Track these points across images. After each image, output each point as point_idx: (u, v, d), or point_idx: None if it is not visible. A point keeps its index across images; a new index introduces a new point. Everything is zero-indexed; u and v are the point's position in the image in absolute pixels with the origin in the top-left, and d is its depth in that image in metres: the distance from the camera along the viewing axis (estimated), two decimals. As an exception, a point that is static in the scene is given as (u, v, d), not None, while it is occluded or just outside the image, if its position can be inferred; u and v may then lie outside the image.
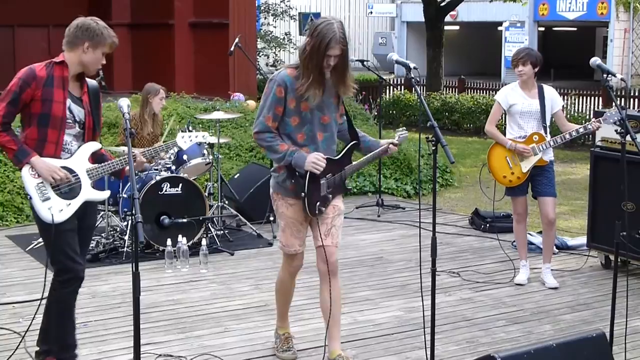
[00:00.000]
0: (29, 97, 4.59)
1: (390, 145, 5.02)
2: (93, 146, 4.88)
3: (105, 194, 5.19)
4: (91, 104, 4.84)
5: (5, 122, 4.62)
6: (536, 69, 6.72)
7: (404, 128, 5.34)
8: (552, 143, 6.71)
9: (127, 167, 4.79)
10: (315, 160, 4.71)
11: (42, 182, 4.63)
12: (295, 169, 4.77)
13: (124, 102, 4.41)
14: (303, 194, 4.78)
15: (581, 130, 6.74)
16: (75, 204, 4.72)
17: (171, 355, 5.30)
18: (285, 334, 5.34)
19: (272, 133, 4.81)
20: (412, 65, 4.49)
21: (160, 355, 5.29)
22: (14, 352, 5.17)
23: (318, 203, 4.85)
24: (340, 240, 5.04)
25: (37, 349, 5.01)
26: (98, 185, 5.43)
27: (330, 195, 4.94)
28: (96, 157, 4.91)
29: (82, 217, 4.85)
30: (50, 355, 4.90)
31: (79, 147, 4.80)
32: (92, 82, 4.92)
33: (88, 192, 4.78)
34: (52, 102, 4.61)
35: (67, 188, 4.69)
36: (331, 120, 4.92)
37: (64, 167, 4.68)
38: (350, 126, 5.09)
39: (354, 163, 5.07)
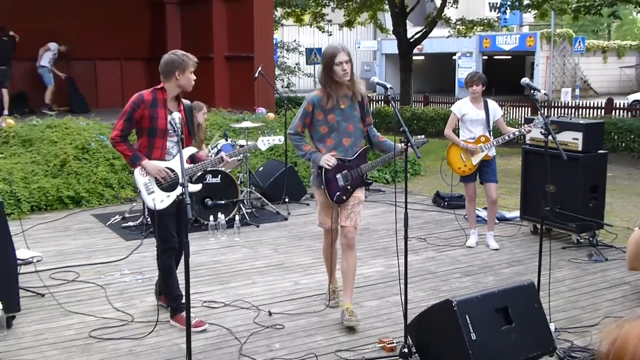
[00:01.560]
0: (139, 115, 4.67)
1: (401, 145, 4.56)
2: (190, 150, 4.93)
3: (197, 187, 5.10)
4: (186, 118, 4.85)
5: (123, 135, 4.70)
6: (483, 87, 6.71)
7: (423, 136, 5.10)
8: (494, 143, 6.69)
9: (220, 165, 5.15)
10: (327, 158, 4.70)
11: (149, 180, 4.71)
12: (318, 167, 4.77)
13: (176, 115, 4.39)
14: (322, 186, 4.79)
15: (517, 133, 6.71)
16: (174, 195, 4.75)
17: (214, 301, 5.31)
18: (332, 288, 5.22)
19: (300, 136, 4.86)
20: (389, 85, 4.46)
21: (205, 301, 5.29)
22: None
23: (338, 193, 4.78)
24: (359, 222, 4.89)
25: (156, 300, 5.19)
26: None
27: (349, 187, 4.81)
28: (191, 159, 4.97)
29: (182, 203, 4.73)
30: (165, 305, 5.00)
31: (178, 151, 4.71)
32: (186, 102, 4.95)
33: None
34: (157, 118, 4.68)
35: (167, 184, 4.74)
36: (355, 129, 4.83)
37: (167, 168, 4.75)
38: (367, 133, 4.94)
39: (369, 162, 4.93)
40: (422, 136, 5.06)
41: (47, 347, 4.48)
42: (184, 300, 4.73)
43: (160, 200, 4.72)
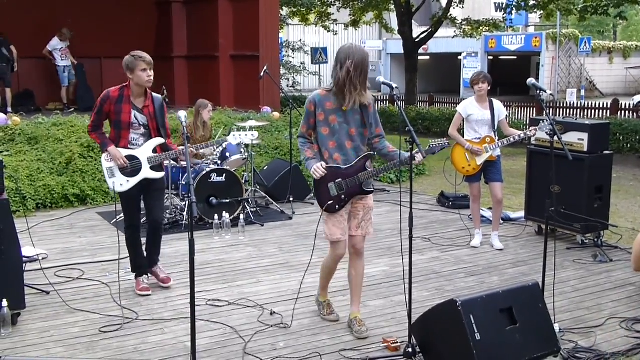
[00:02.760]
0: (107, 109, 5.22)
1: (417, 155, 4.36)
2: (156, 141, 5.33)
3: (160, 174, 5.41)
4: (155, 112, 5.29)
5: (94, 125, 5.31)
6: (489, 87, 6.69)
7: (445, 140, 4.70)
8: (499, 144, 6.68)
9: (182, 157, 5.43)
10: (315, 169, 4.49)
11: (113, 165, 5.24)
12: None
13: (182, 113, 4.45)
14: (312, 194, 4.66)
15: (522, 135, 6.64)
16: (134, 180, 5.27)
17: (218, 299, 5.31)
18: (326, 301, 5.04)
19: (306, 139, 4.65)
20: (394, 85, 4.43)
21: (210, 299, 5.30)
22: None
23: (330, 202, 4.55)
24: (371, 230, 4.73)
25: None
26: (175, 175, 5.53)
27: (344, 196, 4.56)
28: (163, 148, 5.35)
29: (150, 186, 5.37)
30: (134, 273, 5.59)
31: (145, 141, 5.29)
32: (157, 96, 5.37)
33: (146, 172, 5.29)
34: (122, 112, 5.21)
35: (129, 169, 5.23)
36: (357, 134, 4.58)
37: (129, 156, 5.22)
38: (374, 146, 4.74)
39: (368, 170, 4.58)
40: (445, 140, 4.69)
41: (52, 344, 4.49)
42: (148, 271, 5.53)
43: (120, 184, 5.27)
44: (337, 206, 4.58)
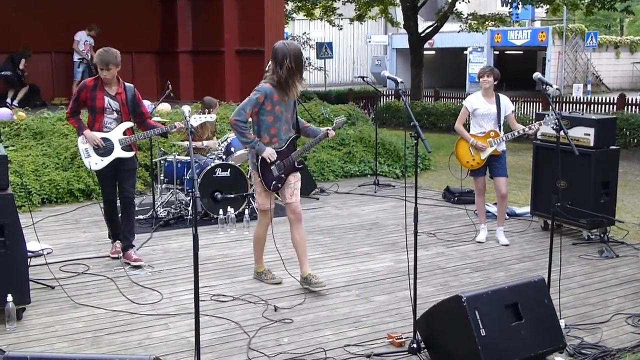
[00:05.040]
0: (84, 97, 5.82)
1: (329, 131, 5.32)
2: (126, 125, 5.91)
3: (130, 154, 5.91)
4: (127, 99, 5.86)
5: (72, 111, 5.94)
6: (496, 82, 6.65)
7: (343, 116, 5.70)
8: (504, 138, 6.64)
9: (173, 130, 6.07)
10: (271, 153, 5.14)
11: (88, 147, 5.82)
12: (257, 155, 5.14)
13: (185, 108, 4.40)
14: (258, 177, 5.22)
15: (527, 130, 6.62)
16: (107, 160, 5.84)
17: (223, 295, 5.31)
18: (265, 270, 5.62)
19: (246, 123, 5.13)
20: (399, 79, 4.43)
21: (214, 294, 5.29)
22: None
23: (274, 182, 5.23)
24: (298, 197, 5.31)
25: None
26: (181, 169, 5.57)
27: (283, 175, 5.24)
28: (132, 131, 5.97)
29: (121, 166, 5.90)
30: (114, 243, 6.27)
31: (117, 125, 5.86)
32: (128, 85, 5.93)
33: (118, 152, 5.85)
34: (96, 99, 5.80)
35: (103, 150, 5.81)
36: (292, 118, 5.29)
37: (102, 138, 5.81)
38: (296, 121, 5.36)
39: (297, 149, 5.34)
40: (342, 117, 5.56)
41: (56, 339, 4.49)
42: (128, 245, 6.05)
43: (95, 162, 5.84)
44: (279, 184, 5.27)
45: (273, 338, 4.53)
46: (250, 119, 5.22)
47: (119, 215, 6.15)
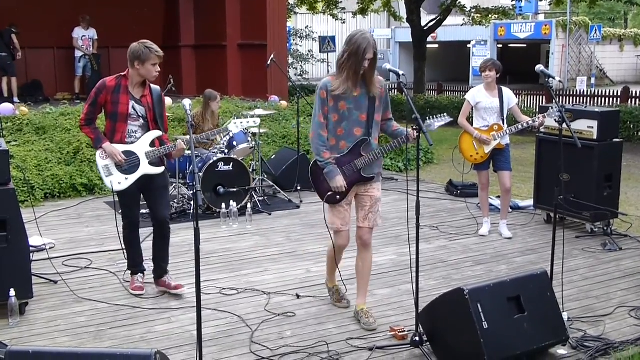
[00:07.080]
0: (103, 100, 4.85)
1: (409, 131, 4.33)
2: (154, 134, 4.98)
3: (159, 170, 5.01)
4: (153, 103, 4.95)
5: (88, 119, 4.91)
6: (498, 75, 6.62)
7: (445, 114, 4.58)
8: (507, 132, 6.62)
9: (173, 152, 4.98)
10: (340, 185, 4.42)
11: (109, 163, 4.88)
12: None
13: (186, 102, 4.34)
14: (312, 187, 4.61)
15: (530, 122, 6.58)
16: (133, 178, 4.92)
17: (224, 288, 5.31)
18: (335, 287, 5.01)
19: (324, 137, 4.42)
20: (401, 72, 4.37)
21: (218, 288, 5.28)
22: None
23: (330, 193, 4.48)
24: (379, 221, 4.66)
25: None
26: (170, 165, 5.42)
27: (344, 185, 4.46)
28: (160, 142, 5.01)
29: (150, 185, 5.01)
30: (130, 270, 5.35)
31: (143, 134, 4.93)
32: (155, 87, 5.01)
33: (145, 168, 4.93)
34: (119, 103, 4.84)
35: (127, 166, 4.88)
36: (369, 119, 4.44)
37: (126, 151, 4.86)
38: (375, 124, 4.54)
39: (365, 156, 4.45)
40: (445, 114, 4.56)
41: (58, 333, 4.50)
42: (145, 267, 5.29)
43: (118, 182, 4.91)
44: (337, 197, 4.50)
45: (276, 331, 4.53)
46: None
47: (142, 240, 5.40)
